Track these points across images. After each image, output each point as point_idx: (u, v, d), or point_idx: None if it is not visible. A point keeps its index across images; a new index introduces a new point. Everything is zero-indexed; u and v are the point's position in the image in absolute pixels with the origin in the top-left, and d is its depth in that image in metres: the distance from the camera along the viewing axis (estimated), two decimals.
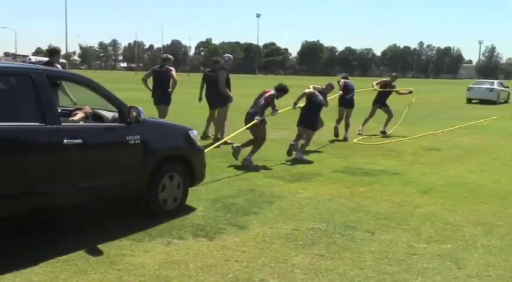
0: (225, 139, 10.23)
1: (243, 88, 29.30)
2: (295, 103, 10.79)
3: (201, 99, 12.55)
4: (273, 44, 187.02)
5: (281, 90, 9.88)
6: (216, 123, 12.05)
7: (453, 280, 4.56)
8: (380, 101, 14.90)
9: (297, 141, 10.50)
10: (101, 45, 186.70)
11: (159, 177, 5.91)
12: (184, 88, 23.67)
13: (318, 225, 5.94)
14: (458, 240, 5.60)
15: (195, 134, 6.62)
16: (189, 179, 6.40)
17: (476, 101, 32.02)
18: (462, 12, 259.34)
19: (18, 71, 5.13)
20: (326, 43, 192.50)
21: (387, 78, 15.55)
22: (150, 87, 11.63)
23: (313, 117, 10.52)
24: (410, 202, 7.14)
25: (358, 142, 12.98)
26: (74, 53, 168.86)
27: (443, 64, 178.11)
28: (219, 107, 11.89)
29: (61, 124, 5.03)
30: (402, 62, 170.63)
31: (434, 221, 6.27)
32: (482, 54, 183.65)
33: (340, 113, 13.66)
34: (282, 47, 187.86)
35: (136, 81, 19.18)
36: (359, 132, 14.12)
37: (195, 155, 6.55)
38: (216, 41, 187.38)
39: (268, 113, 9.92)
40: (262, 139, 9.72)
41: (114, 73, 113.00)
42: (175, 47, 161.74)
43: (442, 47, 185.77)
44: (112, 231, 5.46)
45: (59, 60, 10.50)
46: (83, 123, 5.56)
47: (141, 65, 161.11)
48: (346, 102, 13.45)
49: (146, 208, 5.95)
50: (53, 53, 10.12)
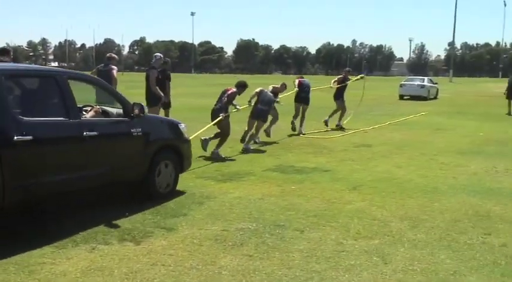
0: (197, 134, 10.12)
1: (179, 88, 28.89)
2: (249, 101, 11.63)
3: None
4: (208, 42, 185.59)
5: (241, 86, 10.85)
6: None
7: (379, 276, 4.62)
8: (339, 95, 16.31)
9: (247, 132, 11.49)
10: (29, 44, 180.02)
11: (156, 163, 6.84)
12: (119, 87, 23.05)
13: (247, 225, 5.91)
14: (386, 235, 5.70)
15: (183, 126, 7.56)
16: (179, 166, 7.30)
17: (408, 97, 32.94)
18: (393, 11, 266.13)
19: (44, 74, 6.10)
20: (261, 41, 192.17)
21: (342, 75, 17.00)
22: None
23: (263, 110, 11.47)
24: (339, 199, 7.22)
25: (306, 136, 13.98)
26: None
27: (376, 61, 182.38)
28: (148, 107, 11.63)
29: (81, 119, 5.94)
30: (336, 59, 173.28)
31: (362, 217, 6.36)
32: (413, 51, 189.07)
33: (297, 109, 14.75)
34: (217, 46, 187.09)
35: None
36: (325, 123, 15.65)
37: (184, 145, 7.51)
38: (150, 39, 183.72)
39: (232, 109, 10.77)
40: (227, 133, 10.52)
41: None
42: (108, 46, 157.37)
43: (375, 45, 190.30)
44: (33, 238, 5.23)
45: (11, 60, 9.88)
46: (97, 118, 6.44)
47: (73, 64, 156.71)
48: (302, 99, 14.63)
49: (146, 190, 6.80)
50: (3, 52, 9.57)
